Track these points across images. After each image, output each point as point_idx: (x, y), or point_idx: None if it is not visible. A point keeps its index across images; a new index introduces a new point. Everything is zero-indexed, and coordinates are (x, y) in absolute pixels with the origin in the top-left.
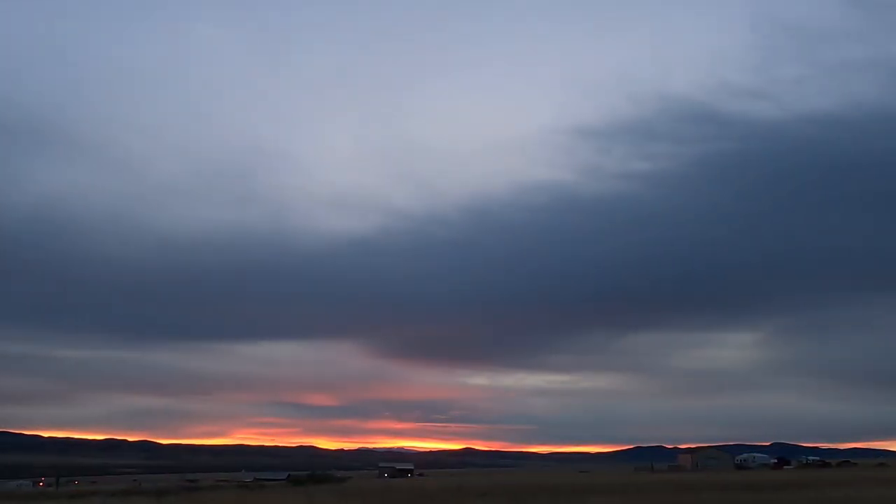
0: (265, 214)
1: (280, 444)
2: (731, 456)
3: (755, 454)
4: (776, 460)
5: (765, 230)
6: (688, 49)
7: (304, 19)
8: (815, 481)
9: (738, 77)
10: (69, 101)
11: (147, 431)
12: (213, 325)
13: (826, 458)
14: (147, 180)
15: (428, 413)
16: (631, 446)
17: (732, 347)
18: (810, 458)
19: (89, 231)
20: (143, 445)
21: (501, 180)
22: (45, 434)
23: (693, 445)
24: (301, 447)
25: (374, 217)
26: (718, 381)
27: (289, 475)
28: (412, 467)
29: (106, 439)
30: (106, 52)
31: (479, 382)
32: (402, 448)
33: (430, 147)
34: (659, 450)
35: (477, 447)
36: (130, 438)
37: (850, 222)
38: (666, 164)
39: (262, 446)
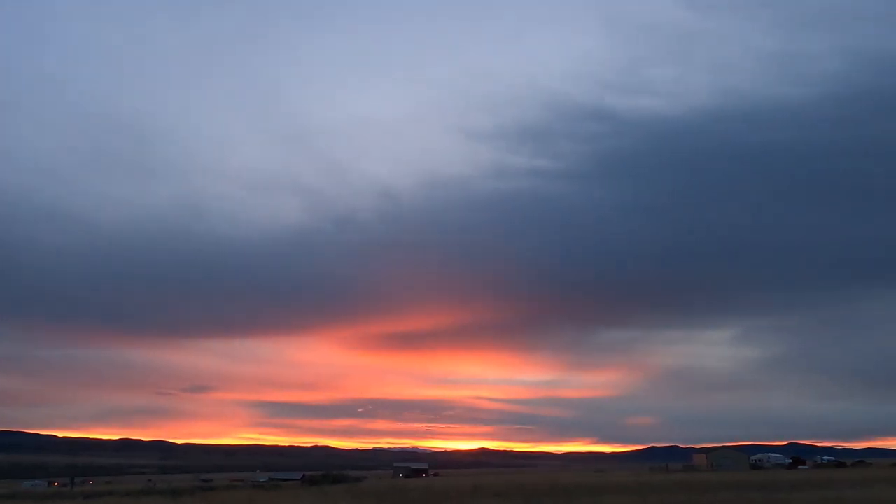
0: (169, 197)
1: (294, 444)
2: (746, 456)
3: (770, 454)
4: (791, 460)
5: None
6: (556, 52)
7: None
8: (831, 481)
9: (614, 77)
10: None
11: (160, 430)
12: (193, 321)
13: (841, 459)
14: (23, 160)
15: (439, 413)
16: (646, 446)
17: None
18: (825, 458)
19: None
20: (158, 445)
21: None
22: (60, 434)
23: (708, 445)
24: (316, 447)
25: (292, 202)
26: (721, 381)
27: (303, 475)
28: (427, 467)
29: (121, 439)
30: None
31: (485, 381)
32: (416, 448)
33: (331, 129)
34: (674, 450)
35: (491, 447)
36: (145, 438)
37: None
38: (571, 162)
39: (277, 446)
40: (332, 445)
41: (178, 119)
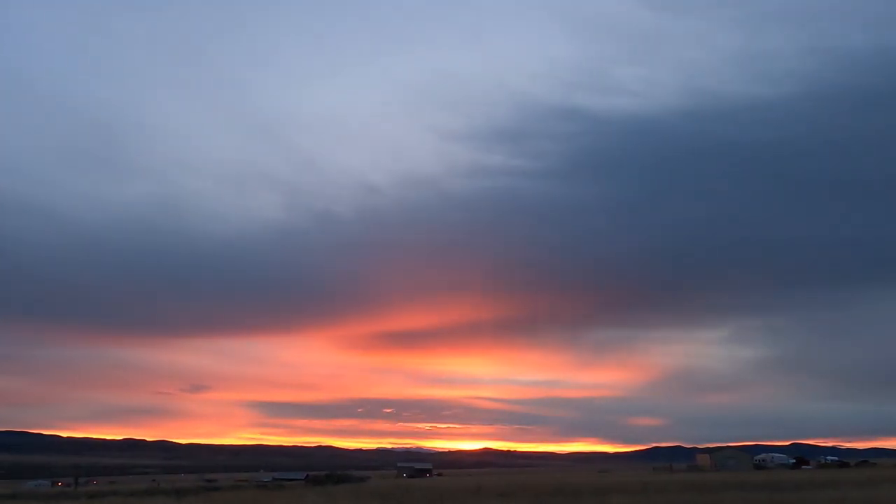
0: (146, 194)
1: (298, 444)
2: (749, 456)
3: (773, 454)
4: (795, 460)
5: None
6: (522, 53)
7: None
8: (835, 481)
9: (582, 78)
10: None
11: (164, 430)
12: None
13: (845, 459)
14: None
15: (442, 413)
16: (649, 446)
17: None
18: (829, 458)
19: None
20: (162, 445)
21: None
22: (65, 434)
23: (711, 445)
24: (320, 447)
25: (272, 197)
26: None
27: (307, 475)
28: (430, 467)
29: (124, 439)
30: None
31: (488, 381)
32: (419, 448)
33: (307, 123)
34: (677, 450)
35: (495, 447)
36: (149, 438)
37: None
38: (553, 161)
39: (281, 446)
40: (336, 445)
41: (152, 115)
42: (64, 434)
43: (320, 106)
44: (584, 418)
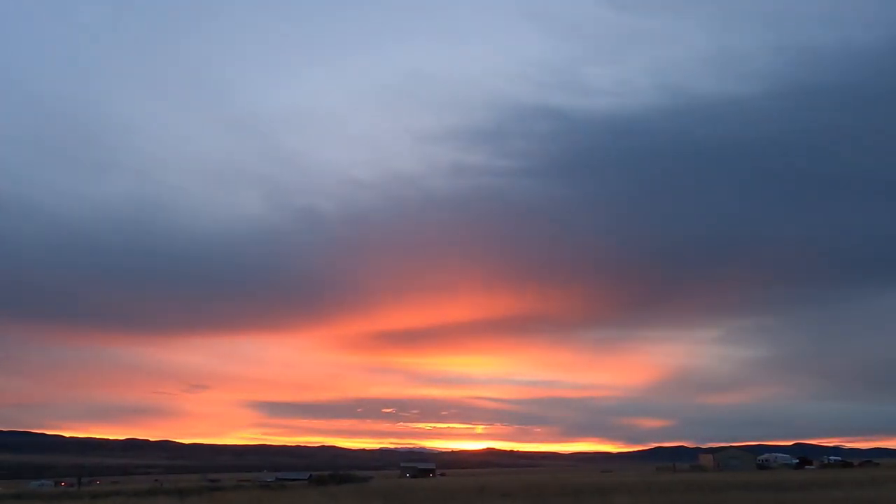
0: (130, 192)
1: (302, 444)
2: (752, 456)
3: (777, 454)
4: (798, 460)
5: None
6: (495, 54)
7: None
8: (838, 481)
9: (557, 78)
10: None
11: (166, 430)
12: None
13: (848, 458)
14: None
15: (445, 413)
16: (652, 446)
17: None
18: (832, 458)
19: None
20: (164, 445)
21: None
22: (67, 434)
23: (715, 445)
24: (323, 447)
25: (257, 194)
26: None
27: (310, 475)
28: (434, 467)
29: (127, 439)
30: None
31: (490, 381)
32: (422, 448)
33: (287, 119)
34: (680, 450)
35: (498, 447)
36: (152, 438)
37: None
38: (542, 161)
39: (284, 446)
40: (339, 445)
41: (132, 112)
42: (67, 434)
43: (308, 103)
44: (587, 418)
